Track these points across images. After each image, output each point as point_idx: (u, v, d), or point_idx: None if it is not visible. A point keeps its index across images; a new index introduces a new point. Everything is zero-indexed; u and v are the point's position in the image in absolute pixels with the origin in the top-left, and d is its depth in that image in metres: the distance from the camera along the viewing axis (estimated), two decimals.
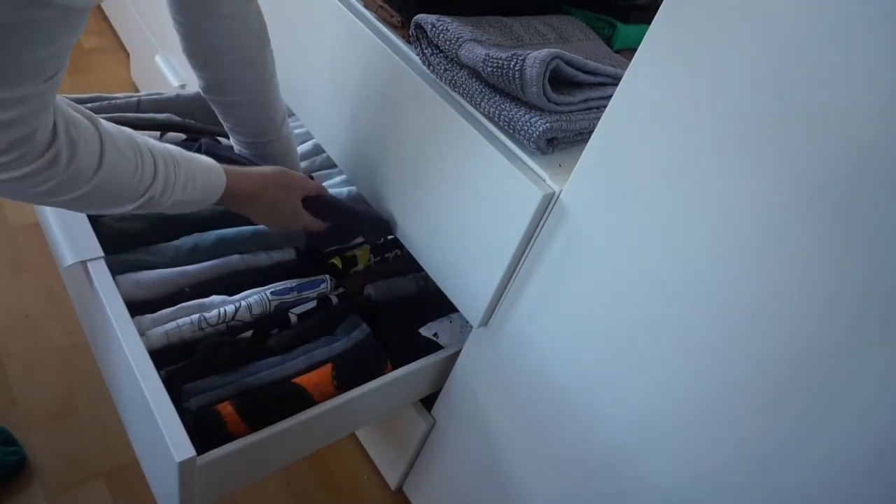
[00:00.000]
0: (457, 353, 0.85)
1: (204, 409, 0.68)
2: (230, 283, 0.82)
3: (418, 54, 0.73)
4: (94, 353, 0.90)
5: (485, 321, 0.76)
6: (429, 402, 0.93)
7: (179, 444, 0.59)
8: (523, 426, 0.78)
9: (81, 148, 0.54)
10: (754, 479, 0.55)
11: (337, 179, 1.04)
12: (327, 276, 0.86)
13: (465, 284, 0.75)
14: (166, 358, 0.70)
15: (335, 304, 0.85)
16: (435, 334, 0.88)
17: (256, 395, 0.70)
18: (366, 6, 0.82)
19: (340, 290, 0.87)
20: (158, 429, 0.60)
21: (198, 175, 0.66)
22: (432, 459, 0.97)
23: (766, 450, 0.54)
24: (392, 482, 1.08)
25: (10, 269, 1.25)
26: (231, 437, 0.67)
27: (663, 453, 0.62)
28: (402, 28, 0.77)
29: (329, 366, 0.76)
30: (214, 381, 0.71)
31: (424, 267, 0.81)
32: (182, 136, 1.01)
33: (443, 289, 0.79)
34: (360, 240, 0.96)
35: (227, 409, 0.68)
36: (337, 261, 0.91)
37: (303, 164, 1.04)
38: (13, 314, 1.18)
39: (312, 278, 0.85)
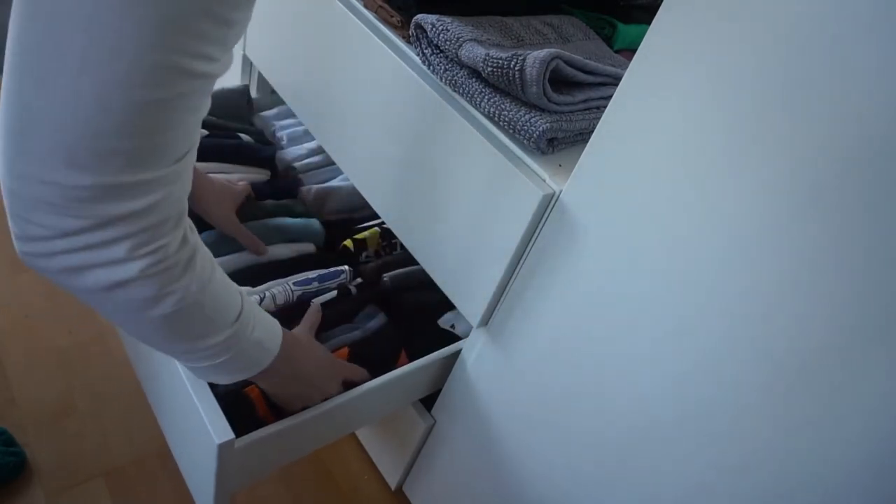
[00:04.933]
0: (457, 353, 0.85)
1: (232, 392, 0.69)
2: (252, 275, 0.84)
3: (418, 54, 0.73)
4: (124, 345, 0.90)
5: (485, 321, 0.76)
6: (429, 402, 0.93)
7: (218, 427, 0.60)
8: (523, 426, 0.78)
9: (202, 251, 0.49)
10: (755, 480, 0.55)
11: (337, 178, 1.05)
12: (346, 266, 0.89)
13: (465, 284, 0.75)
14: None
15: (354, 294, 0.87)
16: (452, 325, 0.89)
17: None
18: (366, 6, 0.82)
19: (358, 280, 0.90)
20: (197, 412, 0.61)
21: (258, 319, 0.58)
22: (432, 459, 0.97)
23: (766, 450, 0.54)
24: (392, 482, 1.08)
25: (10, 269, 1.24)
26: (259, 420, 0.68)
27: (664, 454, 0.62)
28: (401, 28, 0.77)
29: (345, 350, 0.79)
30: None
31: (424, 266, 0.81)
32: (204, 132, 1.01)
33: (443, 288, 0.79)
34: (370, 222, 0.99)
35: (254, 392, 0.69)
36: (349, 243, 0.95)
37: (304, 163, 1.04)
38: (13, 314, 1.18)
39: (332, 269, 0.88)
